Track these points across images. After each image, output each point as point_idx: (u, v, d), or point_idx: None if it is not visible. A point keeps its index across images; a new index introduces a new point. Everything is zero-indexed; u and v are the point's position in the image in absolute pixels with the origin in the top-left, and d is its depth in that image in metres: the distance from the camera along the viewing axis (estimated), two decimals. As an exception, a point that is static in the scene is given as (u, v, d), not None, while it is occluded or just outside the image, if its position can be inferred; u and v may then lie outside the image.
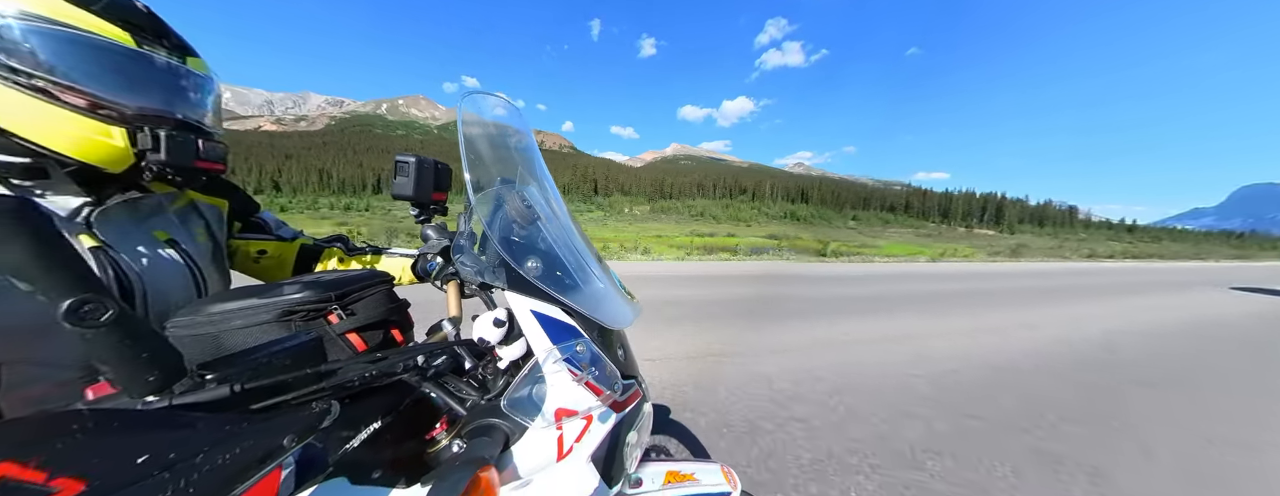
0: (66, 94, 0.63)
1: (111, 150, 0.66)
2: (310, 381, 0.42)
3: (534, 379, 0.65)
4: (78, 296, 0.28)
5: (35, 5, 0.60)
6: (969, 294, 8.05)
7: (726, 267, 11.64)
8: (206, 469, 0.28)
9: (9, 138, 0.63)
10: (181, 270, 0.79)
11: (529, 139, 0.84)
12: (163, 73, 0.70)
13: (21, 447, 0.23)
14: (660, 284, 7.98)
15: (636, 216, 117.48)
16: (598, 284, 0.74)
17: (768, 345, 4.08)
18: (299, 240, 1.03)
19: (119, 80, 0.66)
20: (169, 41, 0.71)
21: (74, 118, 0.63)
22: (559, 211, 0.79)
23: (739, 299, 6.57)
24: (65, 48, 0.62)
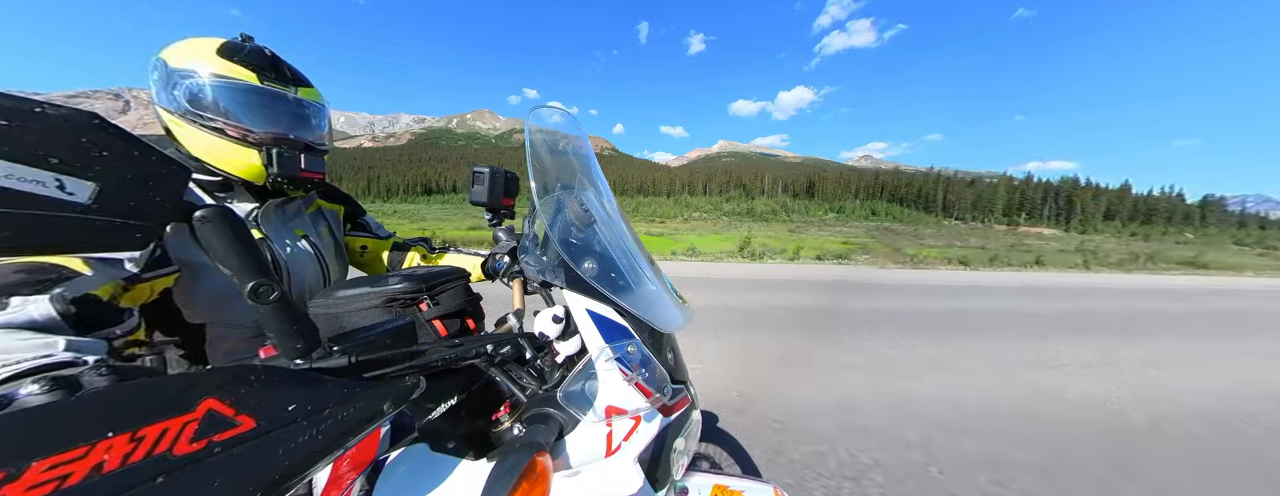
0: (230, 129, 0.80)
1: (254, 168, 0.83)
2: (405, 358, 0.47)
3: (587, 375, 0.66)
4: (256, 281, 0.35)
5: (207, 63, 0.77)
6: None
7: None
8: (331, 421, 0.33)
9: (203, 164, 0.83)
10: (312, 259, 0.96)
11: (586, 146, 0.86)
12: (279, 102, 0.84)
13: (221, 389, 0.29)
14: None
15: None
16: (649, 286, 0.74)
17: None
18: (391, 239, 1.20)
19: (252, 113, 0.81)
20: (285, 76, 0.85)
21: (232, 146, 0.81)
22: (613, 215, 0.81)
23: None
24: (221, 93, 0.79)
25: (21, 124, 0.25)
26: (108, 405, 0.25)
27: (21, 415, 0.23)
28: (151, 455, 0.24)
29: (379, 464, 0.64)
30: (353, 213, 1.15)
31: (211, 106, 0.78)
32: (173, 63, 0.78)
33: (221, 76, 0.78)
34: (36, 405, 0.26)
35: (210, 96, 0.78)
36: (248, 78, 0.80)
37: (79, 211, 0.28)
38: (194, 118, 0.78)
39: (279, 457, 0.29)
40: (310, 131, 0.90)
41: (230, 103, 0.79)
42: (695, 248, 16.72)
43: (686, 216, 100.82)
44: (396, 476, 0.62)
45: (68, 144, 0.27)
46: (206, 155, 0.81)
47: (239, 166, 0.83)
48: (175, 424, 0.26)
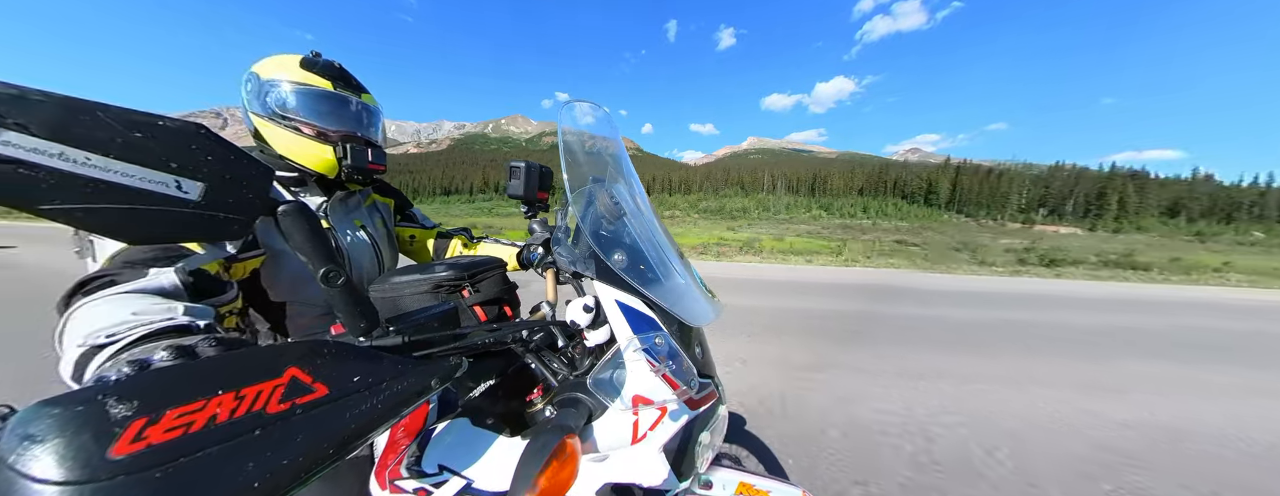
0: (305, 128, 0.92)
1: (328, 162, 0.95)
2: (449, 340, 0.50)
3: (615, 363, 0.67)
4: (327, 266, 0.39)
5: (288, 75, 0.91)
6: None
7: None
8: (388, 393, 0.37)
9: (284, 160, 0.94)
10: (368, 248, 1.07)
11: (617, 141, 0.87)
12: (351, 106, 0.97)
13: (301, 359, 0.33)
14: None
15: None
16: (678, 280, 0.74)
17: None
18: (436, 229, 1.30)
19: (327, 114, 0.94)
20: (351, 84, 0.98)
21: (309, 142, 0.92)
22: (644, 208, 0.81)
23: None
24: (301, 98, 0.91)
25: (151, 135, 0.30)
26: (219, 368, 0.30)
27: (159, 373, 0.28)
28: (251, 411, 0.28)
29: (427, 433, 0.69)
30: (402, 206, 1.26)
31: (293, 109, 0.90)
32: (263, 74, 0.91)
33: (302, 84, 0.91)
34: (169, 366, 0.32)
35: (293, 101, 0.90)
36: (323, 85, 0.92)
37: (192, 207, 0.33)
38: (279, 119, 0.91)
39: (346, 421, 0.33)
40: (371, 131, 1.01)
41: (308, 106, 0.91)
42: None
43: (662, 214, 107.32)
44: (442, 446, 0.66)
45: (183, 151, 0.32)
46: (288, 151, 0.93)
47: (315, 160, 0.94)
48: (267, 387, 0.30)
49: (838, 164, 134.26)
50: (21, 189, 0.27)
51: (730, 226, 60.21)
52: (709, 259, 13.13)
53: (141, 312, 0.48)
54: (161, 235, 0.34)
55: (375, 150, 1.00)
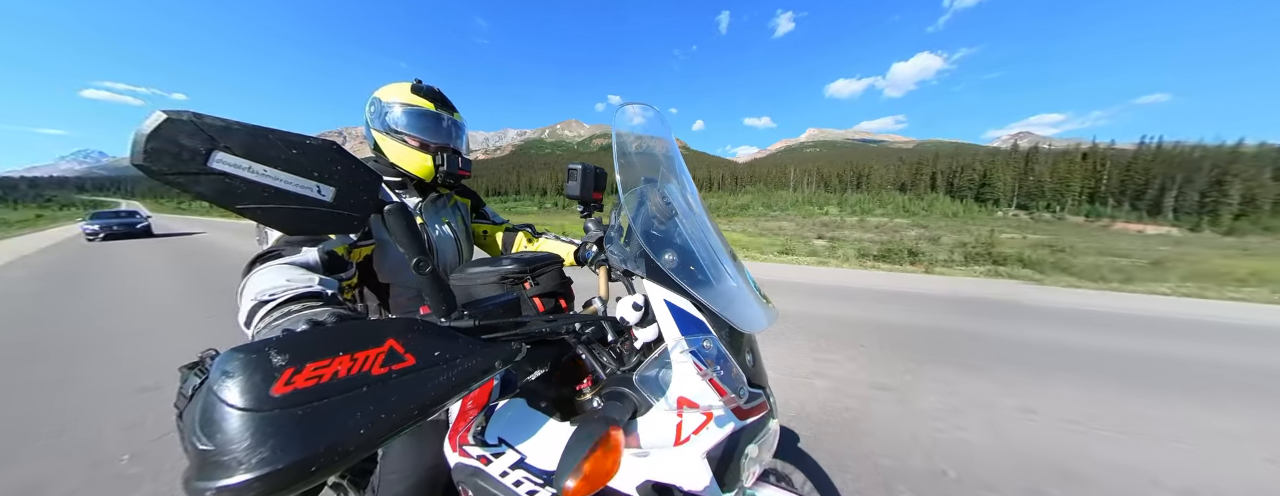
0: (411, 140, 1.15)
1: (428, 169, 1.17)
2: (511, 327, 0.55)
3: (662, 363, 0.67)
4: (418, 257, 0.48)
5: (400, 97, 1.16)
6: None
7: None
8: (459, 369, 0.42)
9: (394, 167, 1.17)
10: (452, 241, 1.28)
11: (670, 141, 0.88)
12: (444, 122, 1.19)
13: (398, 332, 0.40)
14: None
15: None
16: (730, 283, 0.72)
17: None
18: (504, 224, 1.49)
19: (427, 129, 1.16)
20: (446, 104, 1.21)
21: (414, 152, 1.15)
22: (696, 209, 0.80)
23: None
24: (409, 116, 1.15)
25: (302, 152, 0.42)
26: (341, 334, 0.37)
27: (302, 334, 0.37)
28: (362, 371, 0.35)
29: (491, 408, 0.76)
30: (477, 205, 1.45)
31: (404, 126, 1.14)
32: (382, 98, 1.16)
33: (410, 105, 1.14)
34: (308, 329, 0.41)
35: (403, 119, 1.13)
36: (426, 105, 1.16)
37: (327, 207, 0.44)
38: (393, 134, 1.15)
39: (428, 388, 0.39)
40: (459, 143, 1.23)
41: (415, 123, 1.14)
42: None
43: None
44: (502, 421, 0.72)
45: (322, 163, 0.43)
46: (398, 160, 1.16)
47: (418, 167, 1.16)
48: (373, 353, 0.37)
49: (914, 154, 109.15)
50: (227, 193, 0.39)
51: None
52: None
53: (293, 280, 0.62)
54: (308, 229, 0.44)
55: (462, 158, 1.21)
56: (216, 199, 0.38)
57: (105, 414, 2.33)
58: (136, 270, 7.34)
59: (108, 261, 8.59)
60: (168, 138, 0.35)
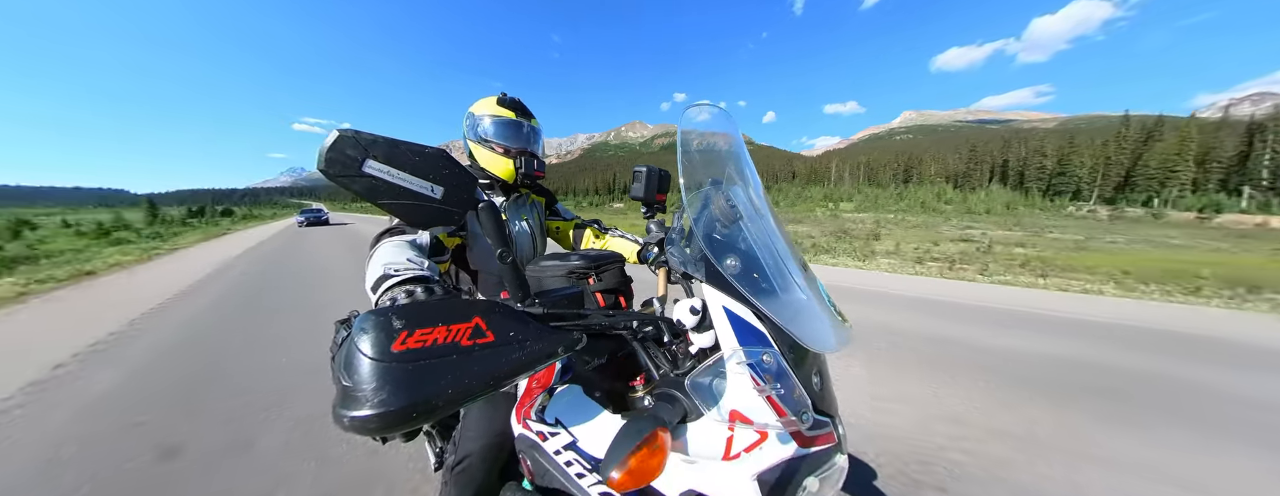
0: (497, 147, 1.30)
1: (510, 171, 1.32)
2: (575, 318, 0.59)
3: (716, 371, 0.64)
4: (501, 249, 0.57)
5: (488, 109, 1.32)
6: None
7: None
8: (528, 350, 0.47)
9: (484, 171, 1.33)
10: (529, 236, 1.42)
11: (737, 141, 0.85)
12: (523, 129, 1.33)
13: (482, 312, 0.46)
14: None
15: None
16: (798, 294, 0.67)
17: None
18: (574, 220, 1.61)
19: (510, 136, 1.31)
20: (526, 112, 1.36)
21: (499, 157, 1.31)
22: (763, 212, 0.76)
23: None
24: (495, 125, 1.31)
25: (422, 158, 0.52)
26: (440, 308, 0.43)
27: (413, 305, 0.44)
28: (453, 341, 0.41)
29: (552, 390, 0.81)
30: (550, 202, 1.59)
31: (491, 134, 1.29)
32: (475, 112, 1.33)
33: (495, 115, 1.30)
34: (417, 301, 0.51)
35: (490, 129, 1.29)
36: (508, 115, 1.31)
37: (436, 203, 0.52)
38: (483, 142, 1.31)
39: (502, 363, 0.44)
40: (536, 147, 1.37)
41: (499, 131, 1.29)
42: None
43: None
44: (561, 403, 0.76)
45: (434, 167, 0.52)
46: (487, 164, 1.32)
47: (502, 170, 1.31)
48: (463, 327, 0.42)
49: (1055, 137, 73.76)
50: (373, 190, 0.49)
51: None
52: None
53: (412, 260, 0.76)
54: (422, 221, 0.54)
55: (538, 161, 1.35)
56: (366, 195, 0.49)
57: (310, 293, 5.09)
58: (318, 235, 16.45)
59: (308, 231, 19.32)
60: (338, 149, 0.47)
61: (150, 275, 7.25)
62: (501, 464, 0.94)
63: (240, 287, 5.98)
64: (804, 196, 72.60)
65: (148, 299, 5.18)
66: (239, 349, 3.40)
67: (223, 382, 2.75)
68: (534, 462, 0.74)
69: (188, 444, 2.07)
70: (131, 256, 9.56)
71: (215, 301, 5.10)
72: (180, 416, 2.32)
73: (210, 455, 1.99)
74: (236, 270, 7.70)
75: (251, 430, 2.18)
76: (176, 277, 6.84)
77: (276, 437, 2.12)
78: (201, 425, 2.23)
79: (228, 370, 2.95)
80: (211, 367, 3.01)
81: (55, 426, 2.25)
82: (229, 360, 3.15)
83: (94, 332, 3.80)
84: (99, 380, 2.82)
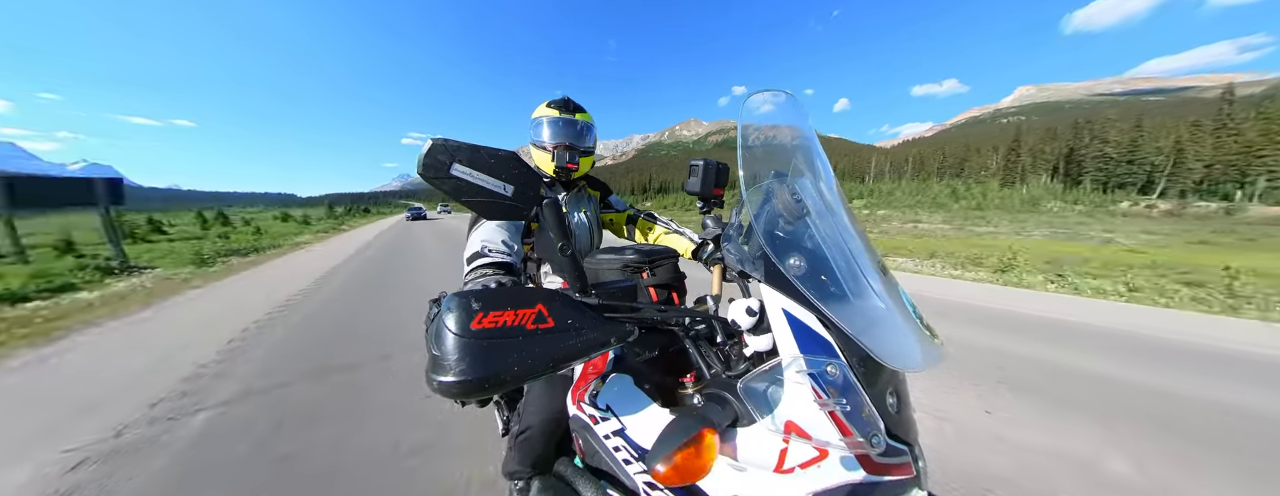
0: (544, 146, 1.37)
1: (550, 166, 1.38)
2: (627, 310, 0.61)
3: (772, 378, 0.60)
4: (562, 242, 0.61)
5: (541, 113, 1.40)
6: None
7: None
8: (584, 337, 0.50)
9: (539, 170, 1.40)
10: (586, 229, 1.50)
11: (805, 130, 0.78)
12: (573, 125, 1.39)
13: (545, 300, 0.49)
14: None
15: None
16: (874, 302, 0.60)
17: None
18: (627, 212, 1.65)
19: (555, 133, 1.38)
20: (571, 108, 1.41)
21: (545, 154, 1.38)
22: (835, 208, 0.69)
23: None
24: (545, 124, 1.38)
25: (496, 160, 0.56)
26: (511, 295, 0.48)
27: (490, 291, 0.49)
28: (518, 325, 0.46)
29: (605, 376, 0.83)
30: (605, 195, 1.65)
31: (541, 135, 1.38)
32: (533, 116, 1.43)
33: (545, 116, 1.38)
34: (494, 288, 0.57)
35: (541, 129, 1.38)
36: (553, 113, 1.38)
37: (508, 200, 0.58)
38: (536, 144, 1.39)
39: (560, 348, 0.47)
40: (579, 140, 1.41)
41: (546, 130, 1.37)
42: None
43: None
44: (612, 391, 0.78)
45: (506, 168, 0.57)
46: (539, 163, 1.41)
47: (547, 165, 1.38)
48: (528, 312, 0.47)
49: (1243, 105, 50.97)
50: (459, 190, 0.55)
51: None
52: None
53: (506, 242, 0.85)
54: (496, 216, 0.60)
55: (571, 153, 1.38)
56: (453, 194, 0.55)
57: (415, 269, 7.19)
58: (417, 228, 21.65)
59: (412, 225, 24.79)
60: (432, 156, 0.53)
61: (341, 243, 13.82)
62: (557, 439, 1.00)
63: (390, 240, 14.10)
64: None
65: (347, 247, 11.74)
66: (392, 257, 9.28)
67: (389, 276, 6.73)
68: (585, 443, 0.77)
69: (397, 300, 4.90)
70: (330, 231, 20.61)
71: (384, 244, 12.43)
72: (383, 288, 5.68)
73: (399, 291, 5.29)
74: (390, 232, 18.62)
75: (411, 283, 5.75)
76: (362, 235, 16.94)
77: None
78: (395, 282, 6.13)
79: (390, 266, 7.86)
80: (383, 265, 7.89)
81: (333, 288, 5.67)
82: (388, 262, 8.35)
83: (334, 260, 8.85)
84: (343, 273, 6.98)
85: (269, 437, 2.03)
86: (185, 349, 3.33)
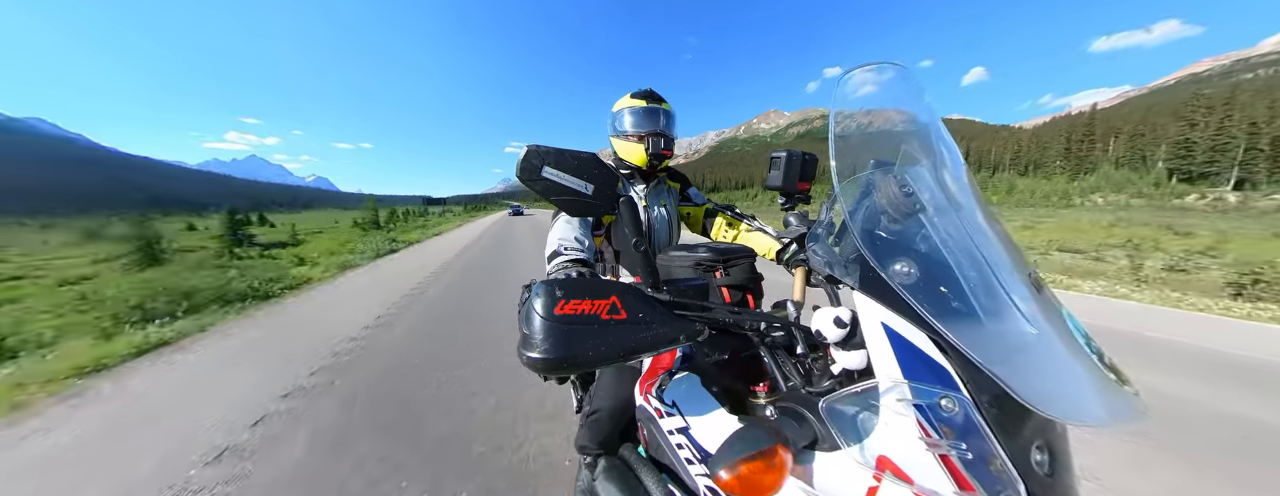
0: (631, 136, 1.37)
1: (641, 157, 1.36)
2: (698, 309, 0.61)
3: (864, 403, 0.51)
4: (636, 237, 0.65)
5: (624, 104, 1.41)
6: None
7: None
8: (654, 332, 0.51)
9: (624, 162, 1.43)
10: (666, 220, 1.48)
11: (920, 110, 0.65)
12: (653, 113, 1.38)
13: (618, 292, 0.51)
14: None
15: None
16: (1020, 325, 0.46)
17: None
18: (705, 205, 1.58)
19: (641, 122, 1.37)
20: (655, 97, 1.42)
21: (633, 145, 1.37)
22: (964, 203, 0.55)
23: None
24: (629, 115, 1.38)
25: (578, 161, 0.61)
26: (587, 285, 0.50)
27: (570, 280, 0.52)
28: (593, 314, 0.48)
29: (673, 372, 0.83)
30: (684, 188, 1.61)
31: (626, 125, 1.38)
32: (614, 109, 1.43)
33: (629, 106, 1.39)
34: (574, 278, 0.63)
35: (626, 120, 1.38)
36: (638, 103, 1.39)
37: (587, 198, 0.62)
38: (621, 135, 1.40)
39: (630, 340, 0.49)
40: (666, 128, 1.40)
41: (631, 119, 1.38)
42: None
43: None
44: (679, 388, 0.77)
45: (587, 169, 0.61)
46: (624, 155, 1.41)
47: (634, 156, 1.38)
48: (603, 303, 0.49)
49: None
50: (548, 190, 0.60)
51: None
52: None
53: (579, 238, 0.91)
54: (578, 212, 0.64)
55: (665, 139, 1.37)
56: (543, 194, 0.60)
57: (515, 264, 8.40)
58: (515, 222, 28.12)
59: (513, 220, 31.39)
60: (527, 160, 0.59)
61: (476, 227, 23.85)
62: (624, 425, 1.03)
63: (501, 224, 25.01)
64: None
65: (478, 229, 21.52)
66: (505, 228, 20.78)
67: (506, 231, 17.73)
68: (650, 434, 0.78)
69: (512, 240, 13.28)
70: (467, 220, 35.78)
71: (498, 228, 21.43)
72: (504, 237, 14.58)
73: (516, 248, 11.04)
74: (500, 222, 29.53)
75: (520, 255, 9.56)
76: (486, 222, 30.31)
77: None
78: (507, 235, 15.53)
79: (505, 238, 14.25)
80: (500, 239, 14.09)
81: (485, 238, 14.28)
82: (505, 237, 14.91)
83: (472, 235, 16.56)
84: (481, 246, 11.70)
85: (462, 295, 5.26)
86: (425, 266, 8.01)
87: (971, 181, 0.59)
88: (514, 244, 12.12)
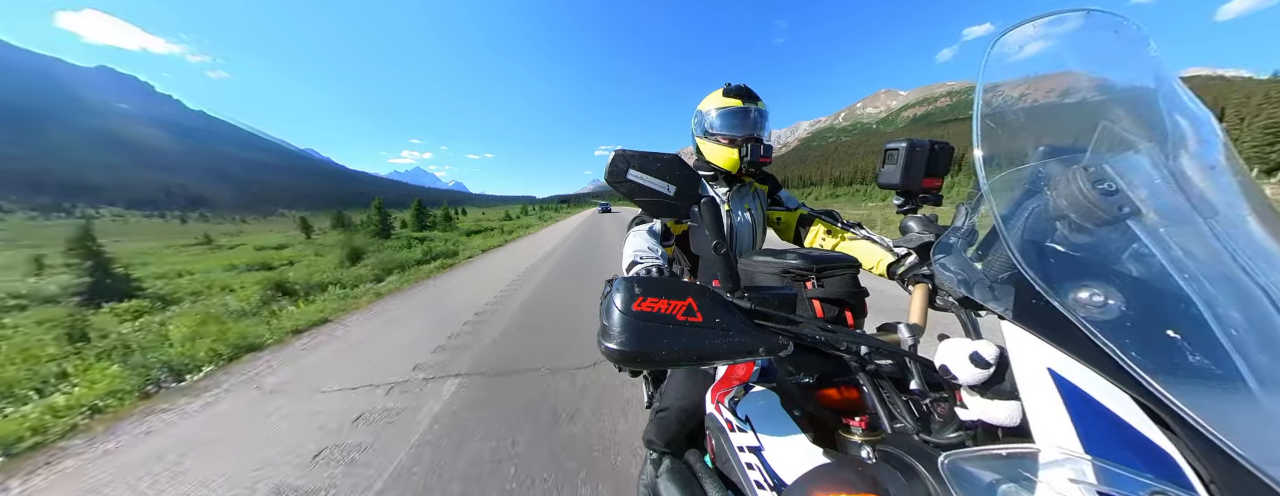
0: (722, 139, 1.27)
1: (734, 161, 1.26)
2: (782, 321, 0.56)
3: (1012, 474, 0.37)
4: (717, 240, 0.61)
5: (714, 103, 1.29)
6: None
7: None
8: (730, 339, 0.49)
9: (708, 164, 1.32)
10: (749, 225, 1.36)
11: (1141, 68, 0.46)
12: (750, 114, 1.26)
13: (695, 295, 0.49)
14: None
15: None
16: None
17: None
18: (799, 210, 1.41)
19: (735, 125, 1.26)
20: (752, 96, 1.28)
21: (724, 149, 1.27)
22: (1217, 204, 0.37)
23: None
24: (721, 117, 1.27)
25: (661, 163, 0.61)
26: (665, 285, 0.49)
27: (649, 279, 0.51)
28: (670, 313, 0.47)
29: (749, 386, 0.78)
30: (773, 190, 1.46)
31: (717, 127, 1.27)
32: (701, 108, 1.32)
33: (722, 107, 1.26)
34: (652, 277, 0.61)
35: (717, 121, 1.27)
36: (733, 104, 1.26)
37: (669, 199, 0.61)
38: (708, 136, 1.29)
39: (703, 345, 0.48)
40: (762, 132, 1.28)
41: (725, 122, 1.26)
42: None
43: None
44: (753, 405, 0.73)
45: (669, 170, 0.61)
46: (712, 158, 1.30)
47: (726, 161, 1.27)
48: (680, 303, 0.48)
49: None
50: (633, 192, 0.60)
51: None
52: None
53: (652, 248, 0.93)
54: (660, 214, 0.64)
55: (763, 146, 1.26)
56: (627, 195, 0.61)
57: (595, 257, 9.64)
58: (602, 219, 31.73)
59: (601, 217, 35.49)
60: (614, 164, 0.61)
61: (577, 219, 34.00)
62: (692, 428, 1.01)
63: (593, 219, 32.03)
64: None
65: (578, 219, 32.54)
66: (594, 221, 27.81)
67: (595, 222, 25.22)
68: (717, 445, 0.74)
69: (601, 229, 18.39)
70: (569, 214, 52.96)
71: (589, 220, 29.01)
72: (595, 224, 22.05)
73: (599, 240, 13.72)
74: (591, 218, 33.46)
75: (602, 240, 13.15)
76: (582, 216, 40.42)
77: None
78: (597, 222, 25.51)
79: (595, 223, 24.56)
80: (593, 226, 21.08)
81: (583, 227, 20.93)
82: (596, 222, 26.46)
83: (574, 225, 24.24)
84: (581, 231, 17.53)
85: (575, 251, 10.25)
86: (557, 234, 15.56)
87: (1238, 170, 0.39)
88: (600, 228, 19.87)
